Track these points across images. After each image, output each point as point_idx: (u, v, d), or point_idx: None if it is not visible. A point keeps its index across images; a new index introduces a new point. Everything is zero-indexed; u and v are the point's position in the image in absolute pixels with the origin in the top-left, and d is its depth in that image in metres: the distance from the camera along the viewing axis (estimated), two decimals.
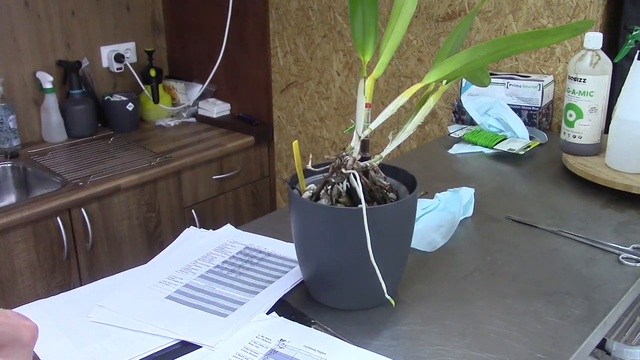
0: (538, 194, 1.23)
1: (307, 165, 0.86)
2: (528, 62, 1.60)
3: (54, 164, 2.01)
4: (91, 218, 1.85)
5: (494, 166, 1.38)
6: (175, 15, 2.52)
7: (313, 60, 2.11)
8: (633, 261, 0.95)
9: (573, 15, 1.50)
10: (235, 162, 2.27)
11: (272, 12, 2.17)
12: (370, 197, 0.83)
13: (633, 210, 1.13)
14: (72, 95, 2.22)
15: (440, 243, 1.02)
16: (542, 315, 0.83)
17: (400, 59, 1.86)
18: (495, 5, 1.61)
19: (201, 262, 0.98)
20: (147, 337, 0.80)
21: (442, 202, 1.12)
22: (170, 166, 2.04)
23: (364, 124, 0.83)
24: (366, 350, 0.76)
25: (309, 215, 0.80)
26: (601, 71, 1.26)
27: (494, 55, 0.79)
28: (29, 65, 2.15)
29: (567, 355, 0.75)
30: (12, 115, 2.06)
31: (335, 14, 1.99)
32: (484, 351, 0.76)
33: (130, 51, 2.44)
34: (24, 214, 1.69)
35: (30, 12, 2.13)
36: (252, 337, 0.78)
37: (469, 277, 0.93)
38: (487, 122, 1.51)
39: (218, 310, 0.85)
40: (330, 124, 2.14)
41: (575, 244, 1.02)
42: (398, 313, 0.83)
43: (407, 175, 0.87)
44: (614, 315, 0.85)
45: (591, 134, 1.29)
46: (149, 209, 2.02)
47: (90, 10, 2.29)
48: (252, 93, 2.37)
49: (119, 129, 2.31)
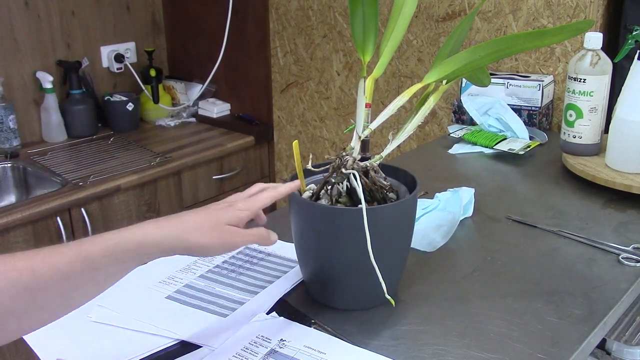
0: (538, 194, 1.23)
1: (307, 165, 0.86)
2: (528, 62, 1.60)
3: (54, 164, 2.01)
4: (91, 218, 1.85)
5: (494, 166, 1.38)
6: (175, 15, 2.52)
7: (313, 60, 2.11)
8: (633, 261, 0.95)
9: (573, 15, 1.50)
10: (235, 162, 2.27)
11: (272, 12, 2.17)
12: (370, 197, 0.83)
13: (633, 210, 1.13)
14: (72, 95, 2.22)
15: (440, 243, 1.02)
16: (542, 315, 0.83)
17: (400, 59, 1.86)
18: (495, 5, 1.61)
19: (201, 262, 0.98)
20: (147, 337, 0.80)
21: (442, 202, 1.12)
22: (170, 166, 2.04)
23: (364, 124, 0.84)
24: (366, 350, 0.76)
25: (309, 215, 0.80)
26: (601, 71, 1.26)
27: (494, 55, 0.80)
28: (29, 65, 2.16)
29: (567, 355, 0.75)
30: (12, 115, 2.06)
31: (335, 14, 1.99)
32: (484, 351, 0.76)
33: (130, 51, 2.44)
34: (24, 214, 1.69)
35: (30, 12, 2.13)
36: (252, 337, 0.78)
37: (469, 277, 0.93)
38: (487, 122, 1.51)
39: (218, 310, 0.85)
40: (330, 124, 2.14)
41: (575, 244, 1.02)
42: (398, 313, 0.83)
43: (407, 175, 0.87)
44: (614, 315, 0.85)
45: (591, 134, 1.29)
46: (149, 209, 2.02)
47: (90, 10, 2.29)
48: (252, 93, 2.37)
49: (119, 129, 2.32)
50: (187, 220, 0.67)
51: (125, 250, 0.63)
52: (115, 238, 0.63)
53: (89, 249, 0.61)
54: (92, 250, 0.61)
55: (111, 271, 0.63)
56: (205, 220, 0.68)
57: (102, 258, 0.62)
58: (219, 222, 0.68)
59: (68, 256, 0.60)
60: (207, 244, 0.67)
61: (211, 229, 0.67)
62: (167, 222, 0.67)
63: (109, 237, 0.63)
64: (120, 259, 0.63)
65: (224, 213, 0.70)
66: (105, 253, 0.62)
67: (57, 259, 0.60)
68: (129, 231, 0.64)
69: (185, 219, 0.68)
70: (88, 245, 0.62)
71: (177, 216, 0.68)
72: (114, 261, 0.62)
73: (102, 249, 0.62)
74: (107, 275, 0.63)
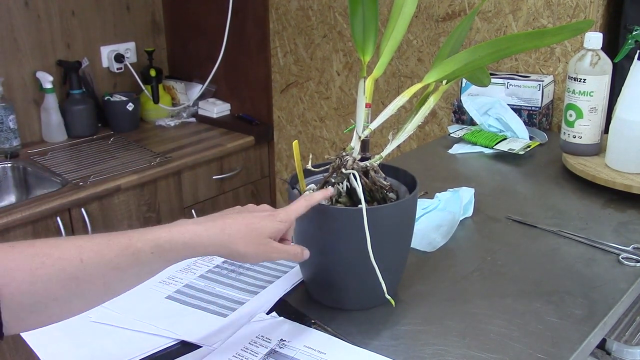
0: (538, 194, 1.23)
1: (307, 165, 0.86)
2: (528, 62, 1.60)
3: (54, 164, 2.01)
4: (91, 218, 1.85)
5: (494, 166, 1.38)
6: (175, 15, 2.52)
7: (313, 60, 2.11)
8: (633, 261, 0.95)
9: (573, 15, 1.50)
10: (235, 162, 2.27)
11: (272, 12, 2.17)
12: (370, 197, 0.83)
13: (633, 210, 1.13)
14: (72, 95, 2.22)
15: (440, 243, 1.02)
16: (542, 315, 0.83)
17: (400, 59, 1.86)
18: (495, 5, 1.61)
19: (201, 262, 0.98)
20: (147, 337, 0.80)
21: (442, 202, 1.12)
22: (171, 166, 2.04)
23: (364, 124, 0.84)
24: (366, 350, 0.76)
25: (309, 215, 0.80)
26: (601, 71, 1.26)
27: (493, 55, 0.80)
28: (29, 65, 2.16)
29: (567, 355, 0.75)
30: (12, 115, 2.06)
31: (335, 14, 1.99)
32: (484, 351, 0.76)
33: (130, 51, 2.44)
34: (24, 214, 1.69)
35: (30, 12, 2.13)
36: (252, 337, 0.78)
37: (469, 277, 0.93)
38: (487, 122, 1.51)
39: (218, 310, 0.85)
40: (330, 124, 2.14)
41: (575, 244, 1.02)
42: (398, 313, 0.83)
43: (407, 175, 0.87)
44: (614, 315, 0.85)
45: (591, 134, 1.29)
46: (149, 209, 2.02)
47: (90, 10, 2.29)
48: (252, 93, 2.37)
49: (119, 129, 2.32)
50: (232, 226, 0.69)
51: (173, 249, 0.66)
52: (165, 237, 0.65)
53: (138, 245, 0.63)
54: (141, 246, 0.63)
55: (155, 267, 0.66)
56: (250, 230, 0.70)
57: (150, 255, 0.64)
58: (261, 234, 0.71)
59: (117, 249, 0.62)
60: (248, 254, 0.70)
61: (254, 240, 0.70)
62: (214, 226, 0.69)
63: (158, 235, 0.65)
64: (166, 257, 0.66)
65: (266, 224, 0.72)
66: (153, 250, 0.64)
67: (105, 251, 0.62)
68: (177, 230, 0.66)
69: (231, 225, 0.69)
70: (137, 241, 0.64)
71: (222, 218, 0.70)
72: (160, 258, 0.65)
73: (151, 247, 0.64)
74: (150, 270, 0.66)
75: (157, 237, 0.65)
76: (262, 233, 0.71)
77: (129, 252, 0.63)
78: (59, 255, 0.60)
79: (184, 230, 0.66)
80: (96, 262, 0.61)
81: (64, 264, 0.59)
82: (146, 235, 0.64)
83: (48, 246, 0.60)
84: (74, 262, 0.60)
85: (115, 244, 0.63)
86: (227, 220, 0.70)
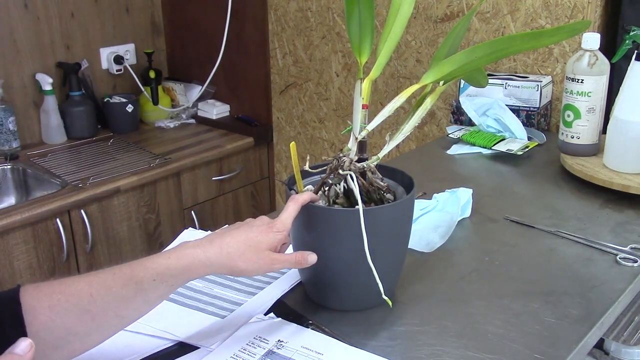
0: (536, 194, 1.23)
1: (305, 166, 0.86)
2: (526, 62, 1.60)
3: (53, 165, 2.01)
4: (91, 219, 1.85)
5: (492, 167, 1.38)
6: (174, 16, 2.52)
7: (312, 62, 2.11)
8: (630, 261, 0.96)
9: (571, 15, 1.50)
10: (234, 163, 2.27)
11: (271, 13, 2.17)
12: (367, 198, 0.83)
13: (631, 210, 1.14)
14: (72, 97, 2.22)
15: (438, 244, 1.02)
16: (539, 315, 0.83)
17: (398, 60, 1.87)
18: (494, 6, 1.61)
19: None
20: (145, 338, 0.80)
21: (440, 203, 1.12)
22: (170, 167, 2.04)
23: (361, 125, 0.84)
24: (363, 350, 0.76)
25: (306, 216, 0.80)
26: (599, 72, 1.26)
27: (491, 56, 0.80)
28: (28, 67, 2.16)
29: (565, 355, 0.75)
30: (11, 117, 2.06)
31: (334, 15, 1.99)
32: (482, 351, 0.76)
33: (130, 53, 2.44)
34: (24, 215, 1.69)
35: (30, 14, 2.13)
36: (250, 338, 0.78)
37: (467, 278, 0.93)
38: (485, 122, 1.51)
39: (216, 312, 0.85)
40: (330, 125, 2.14)
41: (573, 244, 1.02)
42: (395, 313, 0.84)
43: (404, 176, 0.87)
44: (611, 315, 0.85)
45: (589, 134, 1.30)
46: (149, 210, 2.02)
47: (90, 12, 2.30)
48: (252, 94, 2.37)
49: (119, 130, 2.32)
50: (230, 245, 0.71)
51: (174, 275, 0.69)
52: (164, 264, 0.68)
53: (140, 274, 0.67)
54: (142, 275, 0.67)
55: (161, 292, 0.69)
56: (248, 246, 0.72)
57: (152, 282, 0.68)
58: (259, 248, 0.73)
59: (121, 281, 0.67)
60: (248, 269, 0.72)
61: (253, 255, 0.72)
62: (212, 247, 0.71)
63: (158, 263, 0.68)
64: (168, 283, 0.69)
65: (263, 237, 0.73)
66: (155, 278, 0.68)
67: (111, 284, 0.66)
68: (175, 256, 0.69)
69: (229, 243, 0.71)
70: (139, 271, 0.68)
71: (220, 237, 0.72)
72: (163, 284, 0.69)
73: (152, 275, 0.68)
74: (158, 295, 0.70)
75: (157, 266, 0.68)
76: (260, 247, 0.72)
77: (132, 283, 0.67)
78: (71, 292, 0.65)
79: (182, 255, 0.69)
80: (104, 295, 0.66)
81: (76, 300, 0.65)
82: (147, 264, 0.68)
83: (64, 285, 0.66)
84: (85, 297, 0.65)
85: (120, 276, 0.67)
86: (225, 239, 0.72)
